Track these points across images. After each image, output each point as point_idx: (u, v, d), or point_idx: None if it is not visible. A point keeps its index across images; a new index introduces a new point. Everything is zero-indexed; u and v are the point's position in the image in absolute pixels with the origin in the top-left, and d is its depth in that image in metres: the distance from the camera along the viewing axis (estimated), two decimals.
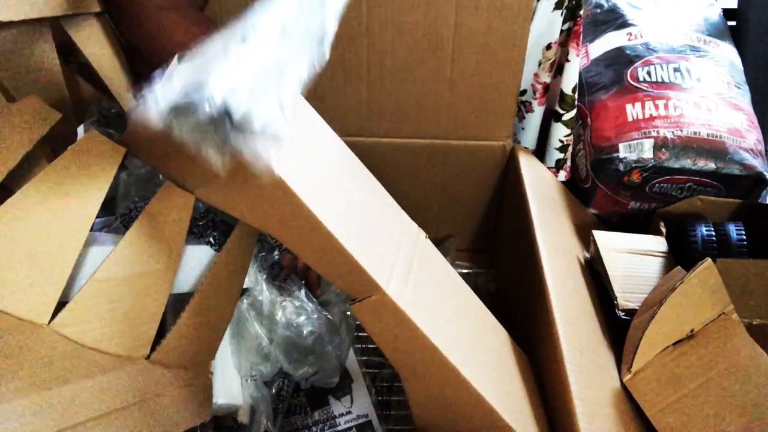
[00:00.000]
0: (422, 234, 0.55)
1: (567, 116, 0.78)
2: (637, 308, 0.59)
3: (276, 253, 0.63)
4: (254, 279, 0.59)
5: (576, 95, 0.77)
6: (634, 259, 0.64)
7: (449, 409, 0.47)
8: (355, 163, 0.55)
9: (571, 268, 0.66)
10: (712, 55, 0.79)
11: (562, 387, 0.48)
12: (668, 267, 0.64)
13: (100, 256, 0.43)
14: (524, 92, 0.79)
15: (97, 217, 0.42)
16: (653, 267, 0.64)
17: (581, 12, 0.72)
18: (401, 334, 0.45)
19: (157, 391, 0.44)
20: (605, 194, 0.76)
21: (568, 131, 0.80)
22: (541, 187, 0.75)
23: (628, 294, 0.60)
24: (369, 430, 0.69)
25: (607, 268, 0.62)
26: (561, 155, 0.81)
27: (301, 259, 0.46)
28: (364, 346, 0.75)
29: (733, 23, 0.91)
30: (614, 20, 0.85)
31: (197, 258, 0.54)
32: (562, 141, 0.80)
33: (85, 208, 0.41)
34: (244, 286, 0.61)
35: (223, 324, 0.55)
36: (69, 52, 0.57)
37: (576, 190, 0.81)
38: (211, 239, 0.56)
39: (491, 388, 0.46)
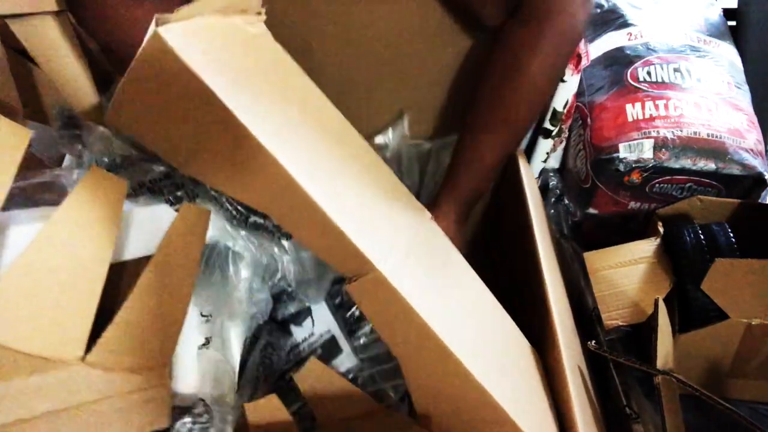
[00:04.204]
0: (427, 214, 0.53)
1: (555, 132, 0.79)
2: (622, 323, 0.63)
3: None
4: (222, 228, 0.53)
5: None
6: (620, 272, 0.66)
7: (450, 399, 0.45)
8: (359, 142, 0.52)
9: None
10: (712, 55, 0.79)
11: (561, 387, 0.48)
12: (654, 270, 0.65)
13: (22, 240, 0.38)
14: None
15: None
16: (638, 275, 0.66)
17: None
18: (397, 316, 0.42)
19: (93, 397, 0.40)
20: (605, 194, 0.76)
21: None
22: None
23: (613, 312, 0.64)
24: (334, 347, 0.65)
25: (595, 291, 0.65)
26: (544, 165, 0.84)
27: (294, 237, 0.43)
28: None
29: (733, 23, 0.91)
30: (614, 20, 0.85)
31: (155, 219, 0.48)
32: (547, 153, 0.81)
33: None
34: (213, 240, 0.54)
35: (178, 311, 0.46)
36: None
37: (576, 190, 0.81)
38: (171, 198, 0.50)
39: (496, 381, 0.43)
